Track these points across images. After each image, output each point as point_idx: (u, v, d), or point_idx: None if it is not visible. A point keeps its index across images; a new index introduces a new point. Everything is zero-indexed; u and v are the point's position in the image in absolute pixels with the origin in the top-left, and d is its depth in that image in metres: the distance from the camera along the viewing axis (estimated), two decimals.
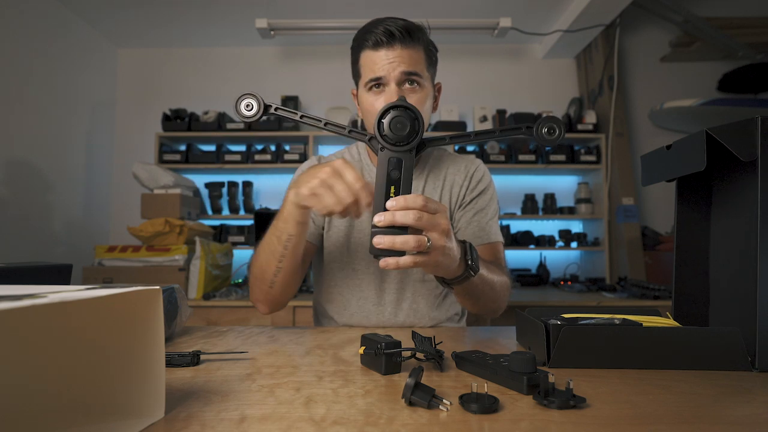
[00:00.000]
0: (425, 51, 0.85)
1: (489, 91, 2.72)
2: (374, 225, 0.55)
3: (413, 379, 0.40)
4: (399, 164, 0.56)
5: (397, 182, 0.56)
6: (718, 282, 0.63)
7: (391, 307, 0.92)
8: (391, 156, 0.56)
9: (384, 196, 0.56)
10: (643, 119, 2.69)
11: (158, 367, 0.38)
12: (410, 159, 0.56)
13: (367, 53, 0.83)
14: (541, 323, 0.55)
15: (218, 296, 1.93)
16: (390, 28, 0.80)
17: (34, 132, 2.13)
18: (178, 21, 2.46)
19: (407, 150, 0.56)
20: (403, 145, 0.56)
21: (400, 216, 0.54)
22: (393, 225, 0.54)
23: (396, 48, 0.81)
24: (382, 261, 0.55)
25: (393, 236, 0.54)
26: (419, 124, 0.56)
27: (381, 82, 0.82)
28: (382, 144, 0.56)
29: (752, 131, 0.52)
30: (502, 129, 0.59)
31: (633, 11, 2.46)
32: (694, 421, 0.37)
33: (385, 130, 0.56)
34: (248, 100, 0.57)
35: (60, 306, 0.34)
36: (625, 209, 2.35)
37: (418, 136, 0.56)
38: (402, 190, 0.56)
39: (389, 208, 0.54)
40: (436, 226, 0.56)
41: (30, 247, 2.07)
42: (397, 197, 0.55)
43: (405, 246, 0.54)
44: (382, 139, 0.56)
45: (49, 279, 0.70)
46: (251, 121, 0.57)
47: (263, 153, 2.44)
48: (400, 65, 0.81)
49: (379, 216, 0.54)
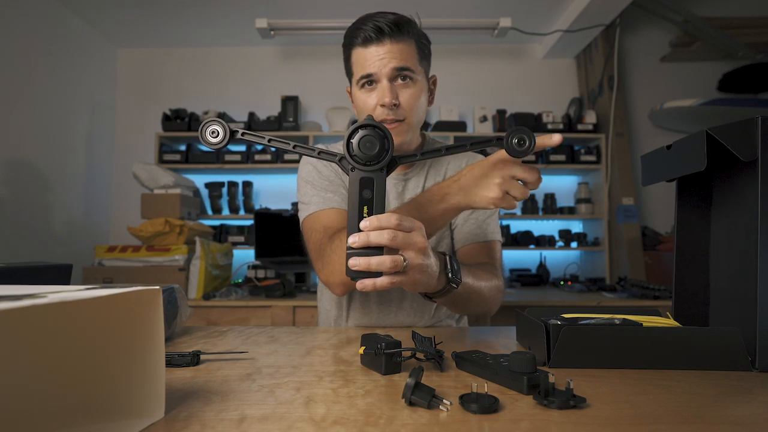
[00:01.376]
0: (417, 44, 0.83)
1: (489, 91, 2.73)
2: (349, 246, 0.54)
3: (413, 379, 0.40)
4: (370, 183, 0.55)
5: (370, 202, 0.55)
6: (718, 282, 0.63)
7: (393, 305, 0.93)
8: (362, 176, 0.55)
9: (357, 216, 0.54)
10: (643, 119, 2.69)
11: (158, 367, 0.38)
12: (381, 178, 0.55)
13: (357, 50, 0.82)
14: (541, 323, 0.55)
15: (218, 296, 1.93)
16: (379, 23, 0.79)
17: (34, 132, 2.13)
18: (178, 21, 2.46)
19: (378, 169, 0.55)
20: (373, 164, 0.55)
21: (374, 236, 0.52)
22: (368, 246, 0.53)
23: (386, 43, 0.80)
24: (359, 283, 0.54)
25: (368, 257, 0.53)
26: (389, 142, 0.55)
27: (373, 79, 0.81)
28: (352, 164, 0.55)
29: (752, 131, 0.52)
30: (473, 142, 0.59)
31: (633, 11, 2.46)
32: (694, 421, 0.37)
33: (354, 150, 0.55)
34: (213, 126, 0.55)
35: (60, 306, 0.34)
36: (625, 209, 2.35)
37: (388, 154, 0.55)
38: (375, 210, 0.55)
39: (363, 229, 0.53)
40: (411, 245, 0.55)
41: (30, 247, 2.07)
42: (370, 217, 0.54)
43: (381, 267, 0.53)
44: (352, 159, 0.55)
45: (49, 279, 0.70)
46: (216, 148, 0.56)
47: (263, 153, 2.44)
48: (390, 61, 0.79)
49: (354, 237, 0.53)
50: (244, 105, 2.66)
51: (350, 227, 0.54)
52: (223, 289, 1.97)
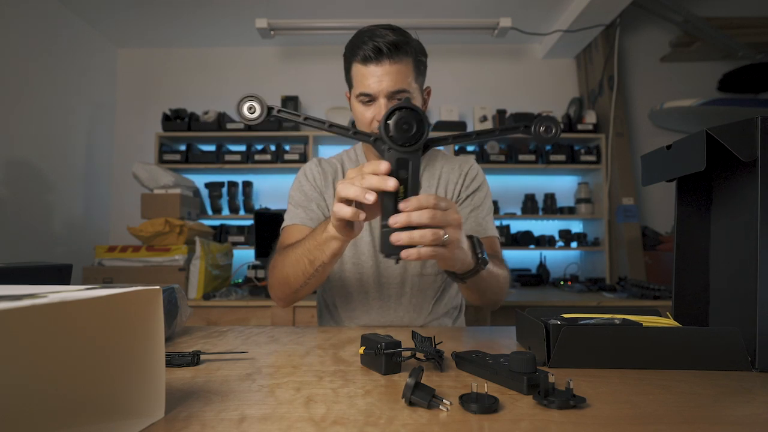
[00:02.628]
0: (414, 62, 0.87)
1: (489, 91, 2.73)
2: (386, 226, 0.56)
3: (413, 379, 0.40)
4: (406, 164, 0.57)
5: (405, 182, 0.57)
6: (718, 282, 0.63)
7: (391, 302, 0.95)
8: (398, 156, 0.57)
9: (394, 196, 0.56)
10: (643, 119, 2.69)
11: (158, 367, 0.38)
12: (417, 158, 0.57)
13: (357, 66, 0.86)
14: (541, 323, 0.55)
15: (218, 296, 1.93)
16: (378, 44, 0.82)
17: (34, 132, 2.13)
18: (178, 21, 2.46)
19: (413, 150, 0.57)
20: (409, 145, 0.56)
21: (416, 216, 0.55)
22: (409, 225, 0.55)
23: (384, 64, 0.82)
24: (403, 252, 0.56)
25: (410, 232, 0.55)
26: (425, 124, 0.57)
27: (371, 98, 0.85)
28: (389, 145, 0.56)
29: (752, 131, 0.52)
30: (502, 128, 0.60)
31: (633, 11, 2.46)
32: (694, 421, 0.37)
33: (391, 131, 0.56)
34: (251, 102, 0.56)
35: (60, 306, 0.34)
36: (625, 209, 2.35)
37: (423, 136, 0.57)
38: (410, 190, 0.57)
39: (403, 209, 0.55)
40: (449, 222, 0.58)
41: (30, 247, 2.07)
42: (410, 198, 0.56)
43: (423, 240, 0.55)
44: (389, 140, 0.56)
45: (49, 279, 0.70)
46: (253, 124, 0.57)
47: (263, 153, 2.44)
48: (387, 84, 0.83)
49: (395, 218, 0.55)
50: None
51: (386, 207, 0.56)
52: (223, 289, 1.97)
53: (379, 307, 0.94)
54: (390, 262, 0.94)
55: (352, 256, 0.95)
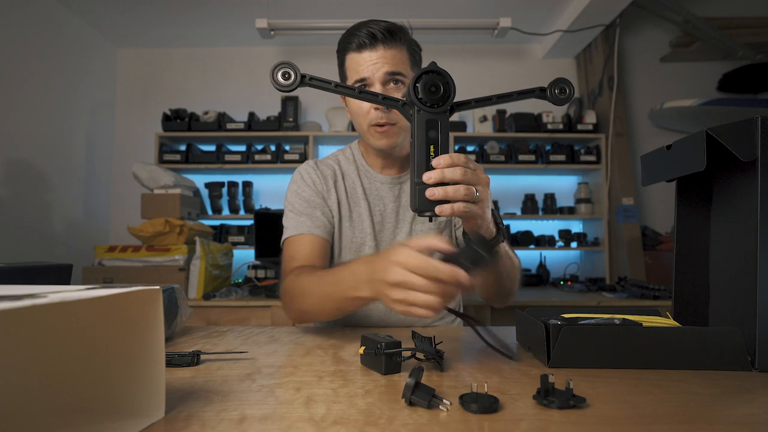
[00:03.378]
0: (408, 51, 0.87)
1: (489, 91, 2.67)
2: (420, 182, 0.58)
3: (413, 379, 0.40)
4: (436, 125, 0.60)
5: (435, 141, 0.59)
6: (718, 282, 0.63)
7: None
8: (428, 117, 0.59)
9: (425, 155, 0.59)
10: (643, 119, 2.69)
11: (158, 367, 0.38)
12: (445, 119, 0.60)
13: (351, 56, 0.86)
14: (541, 323, 0.55)
15: (218, 296, 1.93)
16: (372, 29, 0.83)
17: (34, 132, 2.13)
18: (178, 21, 2.46)
19: (442, 111, 0.60)
20: (438, 106, 0.60)
21: (449, 172, 0.57)
22: (442, 182, 0.57)
23: (379, 49, 0.83)
24: (438, 207, 0.57)
25: (444, 187, 0.57)
26: (451, 86, 0.60)
27: (366, 83, 0.84)
28: (419, 106, 0.59)
29: (752, 131, 0.52)
30: (519, 92, 0.64)
31: (633, 11, 2.46)
32: (694, 421, 0.37)
33: (420, 93, 0.59)
34: (285, 68, 0.58)
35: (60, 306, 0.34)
36: (625, 209, 2.35)
37: (451, 97, 0.60)
38: (440, 148, 0.59)
39: (436, 166, 0.57)
40: (479, 180, 0.60)
41: (30, 247, 2.07)
42: (442, 155, 0.58)
43: (457, 195, 0.57)
44: (419, 101, 0.59)
45: (49, 279, 0.70)
46: (286, 90, 0.59)
47: (263, 153, 2.44)
48: (383, 66, 0.83)
49: (428, 174, 0.57)
50: (244, 105, 2.66)
51: (419, 165, 0.59)
52: (223, 289, 1.97)
53: (378, 307, 0.93)
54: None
55: (353, 258, 0.94)
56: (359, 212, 0.95)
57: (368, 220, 0.94)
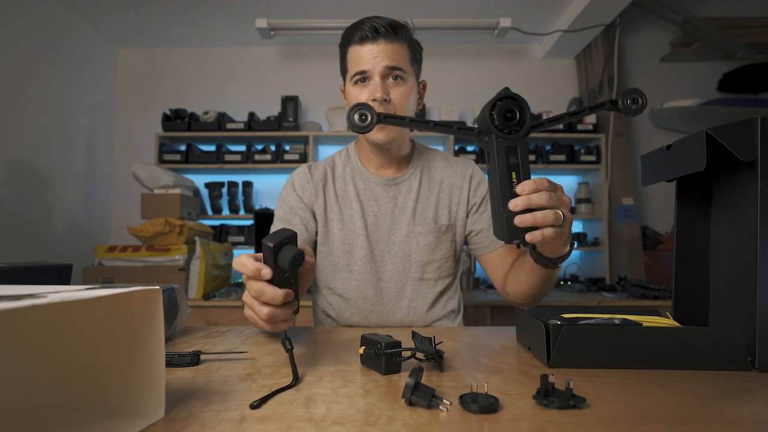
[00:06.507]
0: (409, 47, 0.89)
1: (489, 91, 2.69)
2: (507, 211, 0.57)
3: (413, 379, 0.40)
4: (515, 151, 0.59)
5: (517, 167, 0.59)
6: (718, 282, 0.63)
7: (389, 306, 0.94)
8: (507, 144, 0.59)
9: (508, 182, 0.58)
10: (643, 119, 2.69)
11: (158, 367, 0.38)
12: (524, 144, 0.60)
13: (353, 48, 0.87)
14: (541, 323, 0.55)
15: (218, 296, 1.93)
16: (375, 24, 0.85)
17: (34, 132, 2.13)
18: (178, 21, 2.46)
19: (520, 137, 0.59)
20: (516, 132, 0.59)
21: (535, 198, 0.57)
22: (528, 207, 0.57)
23: (380, 43, 0.85)
24: (528, 235, 0.57)
25: (533, 213, 0.57)
26: (526, 110, 0.59)
27: (366, 76, 0.86)
28: (497, 134, 0.59)
29: (752, 131, 0.52)
30: (590, 107, 0.62)
31: (633, 11, 2.46)
32: (694, 421, 0.37)
33: (496, 121, 0.59)
34: (362, 111, 0.58)
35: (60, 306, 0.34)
36: (625, 209, 2.35)
37: (527, 121, 0.59)
38: (522, 174, 0.59)
39: (521, 192, 0.57)
40: (563, 203, 0.60)
41: (30, 247, 2.07)
42: (526, 181, 0.58)
43: (545, 220, 0.57)
44: (496, 129, 0.59)
45: (49, 279, 0.70)
46: (362, 131, 0.59)
47: (263, 153, 2.44)
48: (384, 59, 0.85)
49: (515, 201, 0.57)
50: (244, 105, 2.66)
51: (503, 193, 0.58)
52: (223, 289, 1.97)
53: (377, 311, 0.94)
54: (387, 267, 0.94)
55: (346, 263, 0.94)
56: (351, 214, 0.95)
57: (360, 221, 0.94)
